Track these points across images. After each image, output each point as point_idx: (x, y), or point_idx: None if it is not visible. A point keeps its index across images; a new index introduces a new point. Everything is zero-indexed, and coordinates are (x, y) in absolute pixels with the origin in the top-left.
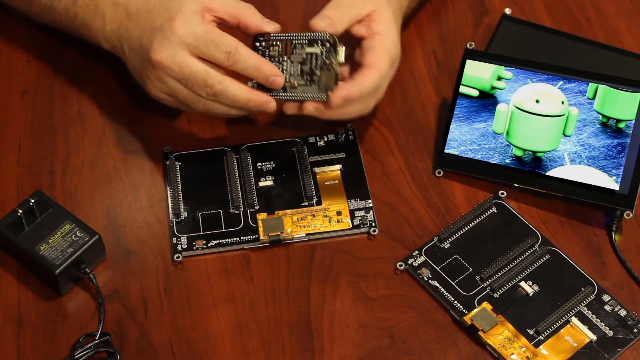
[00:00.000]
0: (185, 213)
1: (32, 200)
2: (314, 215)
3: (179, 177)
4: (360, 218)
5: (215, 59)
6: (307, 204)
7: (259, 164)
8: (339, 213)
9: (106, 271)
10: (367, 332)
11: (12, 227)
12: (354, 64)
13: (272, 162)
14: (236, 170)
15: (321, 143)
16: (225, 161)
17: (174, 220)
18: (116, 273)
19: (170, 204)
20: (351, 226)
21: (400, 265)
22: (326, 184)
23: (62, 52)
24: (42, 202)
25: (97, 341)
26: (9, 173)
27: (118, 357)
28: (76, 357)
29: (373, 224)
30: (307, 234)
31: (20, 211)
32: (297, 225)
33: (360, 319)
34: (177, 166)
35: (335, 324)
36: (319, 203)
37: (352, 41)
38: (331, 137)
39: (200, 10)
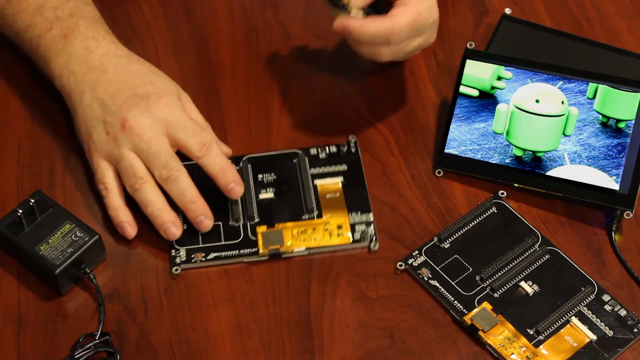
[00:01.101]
0: (185, 225)
1: (32, 200)
2: (314, 229)
3: None
4: (361, 232)
5: (188, 146)
6: (307, 216)
7: (260, 175)
8: (339, 227)
9: (106, 271)
10: (367, 332)
11: (12, 227)
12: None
13: (272, 174)
14: None
15: (323, 155)
16: None
17: None
18: (116, 273)
19: None
20: (351, 240)
21: (400, 265)
22: (327, 196)
23: None
24: (42, 202)
25: (97, 341)
26: (9, 173)
27: (118, 357)
28: (76, 357)
29: (374, 238)
30: (306, 248)
31: (20, 211)
32: (297, 238)
33: (360, 319)
34: None
35: (335, 324)
36: (319, 216)
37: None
38: (333, 149)
39: (180, 102)
